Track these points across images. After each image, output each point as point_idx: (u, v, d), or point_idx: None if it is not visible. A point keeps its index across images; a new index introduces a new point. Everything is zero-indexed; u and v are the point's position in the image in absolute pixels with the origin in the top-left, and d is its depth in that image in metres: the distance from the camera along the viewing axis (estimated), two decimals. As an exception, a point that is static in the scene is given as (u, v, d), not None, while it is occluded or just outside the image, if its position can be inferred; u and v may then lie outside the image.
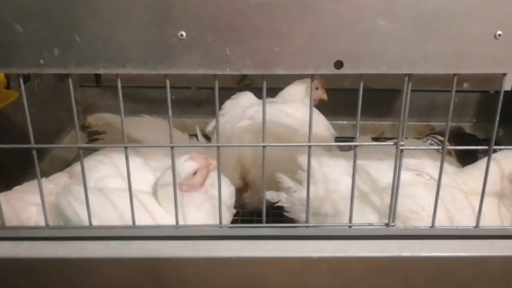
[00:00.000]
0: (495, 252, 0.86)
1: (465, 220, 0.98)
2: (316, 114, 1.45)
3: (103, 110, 1.91)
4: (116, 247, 0.87)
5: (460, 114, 1.88)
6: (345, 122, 1.78)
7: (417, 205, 1.00)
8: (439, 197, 0.89)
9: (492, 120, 0.83)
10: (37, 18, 0.74)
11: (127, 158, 0.86)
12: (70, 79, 0.80)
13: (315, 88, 1.54)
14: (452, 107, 0.82)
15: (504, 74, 0.79)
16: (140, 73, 0.77)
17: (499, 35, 0.74)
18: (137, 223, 0.90)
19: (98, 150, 1.20)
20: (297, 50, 0.76)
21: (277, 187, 1.13)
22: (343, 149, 1.27)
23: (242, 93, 1.52)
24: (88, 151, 1.21)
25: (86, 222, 0.90)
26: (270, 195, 1.11)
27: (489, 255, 0.86)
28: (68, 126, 1.79)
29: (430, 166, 1.06)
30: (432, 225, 0.90)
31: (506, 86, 0.81)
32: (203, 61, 0.76)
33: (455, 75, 0.79)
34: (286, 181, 1.13)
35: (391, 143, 0.87)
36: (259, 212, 1.30)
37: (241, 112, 1.42)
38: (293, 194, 1.11)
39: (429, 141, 1.46)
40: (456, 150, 1.33)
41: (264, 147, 0.86)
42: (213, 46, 0.75)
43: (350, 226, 0.91)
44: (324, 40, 0.75)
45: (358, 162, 0.88)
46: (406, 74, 0.79)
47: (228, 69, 0.77)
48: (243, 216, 1.35)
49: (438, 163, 0.90)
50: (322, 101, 1.56)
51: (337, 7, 0.74)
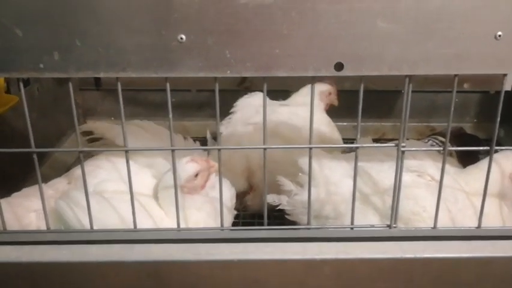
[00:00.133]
0: (498, 252, 0.86)
1: (467, 221, 0.98)
2: (327, 120, 1.46)
3: (103, 114, 1.93)
4: (117, 251, 0.87)
5: (461, 114, 1.87)
6: (345, 124, 1.77)
7: (419, 206, 0.99)
8: (441, 198, 0.88)
9: (493, 120, 0.83)
10: (37, 22, 0.74)
11: (128, 162, 0.86)
12: (70, 83, 0.80)
13: (328, 93, 1.55)
14: (453, 108, 0.82)
15: (505, 75, 0.79)
16: (140, 77, 0.77)
17: (499, 36, 0.74)
18: (138, 227, 0.90)
19: (98, 153, 1.20)
20: (297, 53, 0.76)
21: (280, 190, 1.13)
22: (344, 151, 1.27)
23: (254, 93, 1.52)
24: (88, 155, 1.21)
25: (87, 227, 0.90)
26: (272, 198, 1.11)
27: (492, 255, 0.85)
28: (68, 130, 1.79)
29: (431, 167, 1.06)
30: (434, 226, 0.89)
31: (506, 86, 0.81)
32: (203, 64, 0.76)
33: (455, 75, 0.79)
34: (287, 184, 1.13)
35: (392, 145, 0.87)
36: (260, 215, 1.30)
37: (253, 111, 1.42)
38: (294, 197, 1.11)
39: (430, 142, 1.45)
40: (457, 150, 1.32)
41: (265, 149, 0.85)
42: (213, 49, 0.75)
43: (352, 228, 0.91)
44: (324, 42, 0.75)
45: (359, 164, 0.87)
46: (407, 75, 0.78)
47: (229, 71, 0.77)
48: (244, 218, 1.35)
49: (439, 164, 0.90)
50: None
51: (337, 9, 0.74)
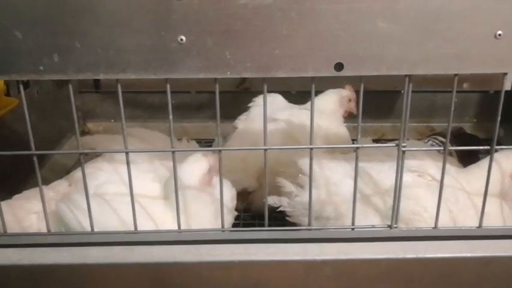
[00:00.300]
0: (499, 252, 0.86)
1: (468, 220, 0.98)
2: (343, 127, 1.47)
3: (103, 116, 1.93)
4: (118, 253, 0.87)
5: (460, 114, 1.87)
6: (345, 124, 1.77)
7: (419, 206, 0.99)
8: (442, 198, 0.88)
9: (493, 120, 0.83)
10: (37, 25, 0.74)
11: (129, 164, 0.86)
12: (70, 85, 0.80)
13: (348, 100, 1.55)
14: (453, 108, 0.82)
15: (505, 74, 0.79)
16: (140, 78, 0.77)
17: (499, 35, 0.74)
18: (139, 228, 0.89)
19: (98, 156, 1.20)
20: (297, 53, 0.76)
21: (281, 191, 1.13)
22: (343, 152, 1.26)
23: (275, 94, 1.53)
24: (88, 158, 1.21)
25: (87, 230, 0.90)
26: (272, 200, 1.11)
27: (493, 255, 0.85)
28: (68, 132, 1.79)
29: (432, 167, 1.06)
30: (435, 226, 0.89)
31: (506, 86, 0.81)
32: (203, 65, 0.76)
33: (455, 75, 0.79)
34: (287, 185, 1.12)
35: (393, 145, 0.86)
36: (260, 216, 1.30)
37: (273, 109, 1.42)
38: (295, 199, 1.11)
39: (430, 142, 1.45)
40: (457, 150, 1.33)
41: (266, 150, 0.85)
42: (213, 50, 0.75)
43: (353, 228, 0.91)
44: (324, 42, 0.75)
45: (359, 164, 0.87)
46: (407, 75, 0.78)
47: (229, 72, 0.77)
48: (245, 220, 1.35)
49: (439, 164, 0.90)
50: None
51: (336, 9, 0.74)
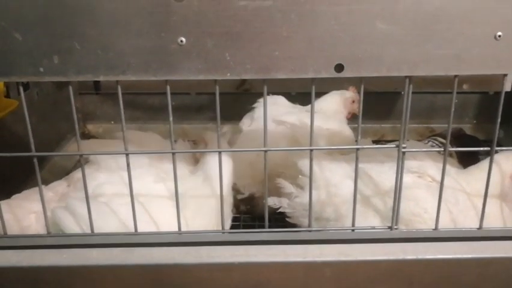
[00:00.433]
0: (499, 253, 0.86)
1: (468, 222, 0.98)
2: (347, 128, 1.47)
3: (103, 118, 1.93)
4: (118, 254, 0.86)
5: (460, 115, 1.87)
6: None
7: (419, 208, 0.99)
8: (442, 199, 0.88)
9: (492, 121, 0.83)
10: (37, 26, 0.74)
11: (129, 166, 0.85)
12: (70, 87, 0.80)
13: (352, 101, 1.55)
14: (453, 109, 0.82)
15: (505, 75, 0.79)
16: (140, 80, 0.77)
17: (499, 36, 0.74)
18: (139, 230, 0.89)
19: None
20: (297, 54, 0.76)
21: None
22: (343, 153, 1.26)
23: (278, 96, 1.54)
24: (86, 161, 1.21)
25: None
26: (272, 201, 1.11)
27: (493, 256, 0.85)
28: (67, 134, 1.79)
29: (432, 168, 1.06)
30: (435, 227, 0.89)
31: (506, 87, 0.81)
32: (203, 67, 0.76)
33: (455, 76, 0.79)
34: (287, 186, 1.12)
35: (393, 146, 0.86)
36: (260, 218, 1.30)
37: (281, 110, 1.42)
38: (295, 200, 1.11)
39: (430, 143, 1.45)
40: (457, 151, 1.33)
41: (266, 151, 0.85)
42: (213, 52, 0.75)
43: (353, 230, 0.91)
44: (324, 44, 0.75)
45: (359, 165, 0.87)
46: (407, 76, 0.79)
47: (229, 74, 0.77)
48: (245, 221, 1.35)
49: (439, 165, 0.90)
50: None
51: (336, 11, 0.74)
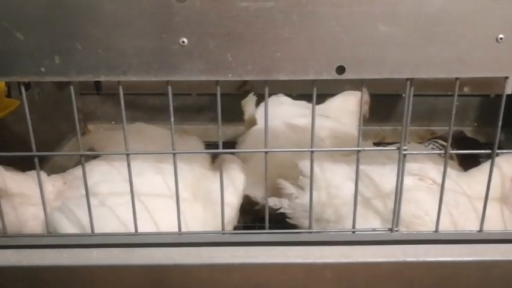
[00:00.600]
0: (500, 256, 0.85)
1: (469, 224, 0.98)
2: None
3: (104, 118, 1.93)
4: (118, 254, 0.86)
5: (461, 118, 1.87)
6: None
7: (420, 210, 0.99)
8: (442, 202, 0.88)
9: (493, 124, 0.83)
10: (38, 26, 0.74)
11: (129, 166, 0.86)
12: (72, 87, 0.80)
13: (365, 102, 1.54)
14: (454, 111, 0.82)
15: (506, 78, 0.79)
16: (141, 80, 0.77)
17: (501, 39, 0.74)
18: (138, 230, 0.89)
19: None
20: (299, 56, 0.76)
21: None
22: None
23: (279, 95, 1.54)
24: (89, 159, 1.21)
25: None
26: (272, 201, 1.11)
27: (494, 259, 0.85)
28: (68, 134, 1.79)
29: (433, 170, 1.05)
30: (436, 229, 0.89)
31: (508, 90, 0.81)
32: (205, 67, 0.76)
33: (457, 79, 0.79)
34: (288, 187, 1.12)
35: (394, 148, 0.86)
36: (260, 219, 1.30)
37: (294, 112, 1.43)
38: (295, 201, 1.11)
39: (431, 145, 1.45)
40: (458, 154, 1.32)
41: (266, 152, 0.85)
42: (215, 52, 0.75)
43: (354, 231, 0.91)
44: (325, 45, 0.75)
45: (360, 167, 0.87)
46: (408, 79, 0.79)
47: (230, 75, 0.77)
48: (245, 223, 1.35)
49: (440, 167, 0.90)
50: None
51: (337, 12, 0.74)
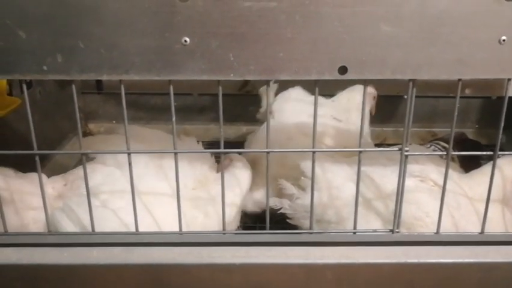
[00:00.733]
0: (501, 258, 0.85)
1: (470, 226, 0.97)
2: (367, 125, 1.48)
3: (105, 117, 1.93)
4: (119, 254, 0.86)
5: (462, 120, 1.87)
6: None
7: (421, 211, 0.99)
8: (444, 203, 0.88)
9: (495, 126, 0.83)
10: (40, 24, 0.74)
11: (130, 165, 0.85)
12: (74, 85, 0.80)
13: (373, 97, 1.55)
14: (456, 113, 0.82)
15: (509, 79, 0.79)
16: (143, 79, 0.77)
17: (503, 40, 0.74)
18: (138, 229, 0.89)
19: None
20: (301, 56, 0.76)
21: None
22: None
23: (296, 87, 1.52)
24: (89, 159, 1.20)
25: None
26: (273, 202, 1.11)
27: (495, 261, 0.85)
28: (69, 133, 1.79)
29: (434, 172, 1.05)
30: (437, 231, 0.89)
31: (510, 91, 0.80)
32: (207, 67, 0.76)
33: (459, 80, 0.79)
34: (289, 188, 1.12)
35: (395, 149, 0.86)
36: (262, 219, 1.30)
37: (306, 108, 1.39)
38: (296, 201, 1.11)
39: (432, 147, 1.45)
40: (459, 156, 1.32)
41: (268, 153, 0.85)
42: (217, 52, 0.75)
43: (355, 232, 0.91)
44: (327, 46, 0.75)
45: (361, 168, 0.87)
46: (410, 80, 0.78)
47: (232, 75, 0.77)
48: (246, 223, 1.35)
49: (442, 169, 0.90)
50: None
51: (340, 13, 0.74)
